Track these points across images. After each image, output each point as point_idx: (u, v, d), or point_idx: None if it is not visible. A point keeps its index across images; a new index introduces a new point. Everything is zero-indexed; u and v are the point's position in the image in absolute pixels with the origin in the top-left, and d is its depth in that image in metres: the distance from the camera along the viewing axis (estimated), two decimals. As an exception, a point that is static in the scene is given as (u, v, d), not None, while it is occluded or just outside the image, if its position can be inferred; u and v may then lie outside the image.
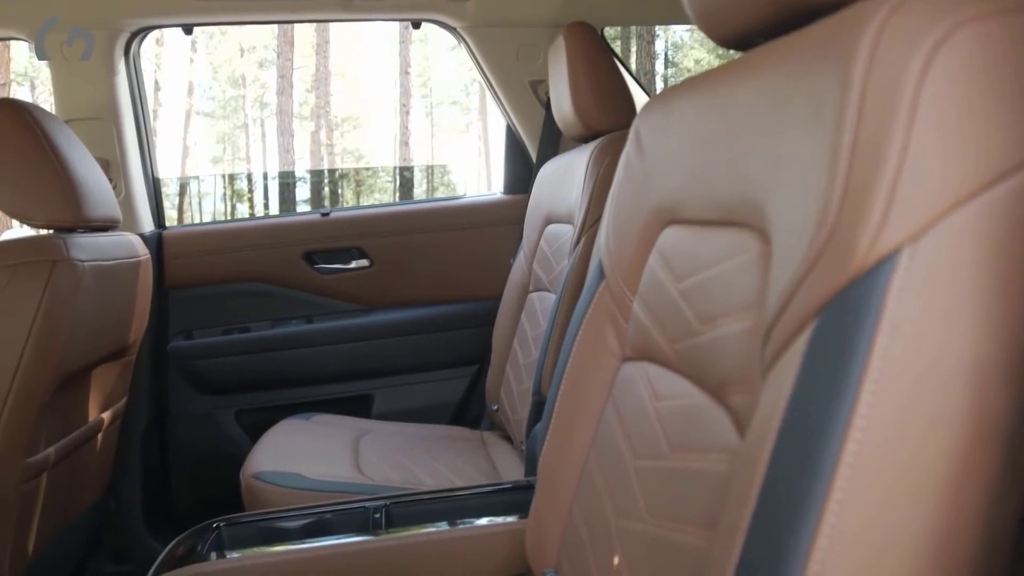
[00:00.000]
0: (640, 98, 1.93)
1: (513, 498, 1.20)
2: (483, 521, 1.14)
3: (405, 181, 13.14)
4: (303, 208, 11.41)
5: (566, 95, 1.57)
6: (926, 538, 0.41)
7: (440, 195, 12.23)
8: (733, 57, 0.73)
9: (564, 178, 1.66)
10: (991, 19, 0.43)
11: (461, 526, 1.12)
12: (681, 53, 14.47)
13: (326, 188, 12.09)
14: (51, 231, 1.46)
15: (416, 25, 2.10)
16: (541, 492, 0.94)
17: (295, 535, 1.15)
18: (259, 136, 17.61)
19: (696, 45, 13.87)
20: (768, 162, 0.57)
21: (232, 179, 12.96)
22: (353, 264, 2.14)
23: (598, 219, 1.41)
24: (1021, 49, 0.43)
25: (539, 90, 2.08)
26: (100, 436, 1.66)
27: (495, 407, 1.85)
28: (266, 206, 11.61)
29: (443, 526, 1.13)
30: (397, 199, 12.30)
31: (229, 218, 10.46)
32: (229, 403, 2.05)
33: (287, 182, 12.00)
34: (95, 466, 1.69)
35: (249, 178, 13.55)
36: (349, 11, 1.99)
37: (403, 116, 14.73)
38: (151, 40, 2.05)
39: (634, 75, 2.20)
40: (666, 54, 14.52)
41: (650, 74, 12.61)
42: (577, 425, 0.89)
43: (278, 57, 14.96)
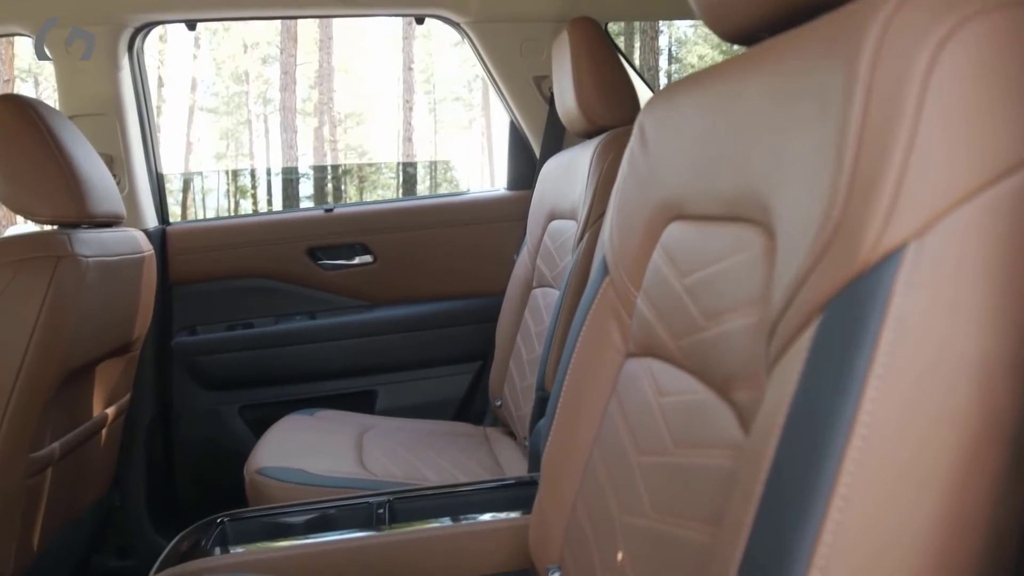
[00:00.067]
0: (644, 94, 1.93)
1: (516, 494, 1.20)
2: (486, 517, 1.14)
3: (408, 177, 13.13)
4: (306, 204, 11.42)
5: (570, 90, 1.56)
6: (930, 534, 0.41)
7: (443, 191, 12.22)
8: (737, 53, 0.72)
9: (568, 174, 1.66)
10: (997, 13, 0.43)
11: (464, 522, 1.12)
12: (685, 49, 14.45)
13: (329, 184, 12.10)
14: (55, 227, 1.46)
15: (419, 20, 2.10)
16: (545, 488, 0.94)
17: (299, 530, 1.15)
18: (262, 132, 17.62)
19: (700, 41, 13.85)
20: (773, 157, 0.57)
21: (235, 175, 12.96)
22: (356, 260, 2.14)
23: (602, 215, 1.40)
24: None
25: (543, 86, 2.07)
26: (104, 432, 1.67)
27: (498, 403, 1.85)
28: (269, 202, 11.62)
29: (446, 522, 1.13)
30: (400, 195, 12.31)
31: (233, 214, 10.47)
32: (233, 399, 2.06)
33: (290, 178, 12.00)
34: (99, 461, 1.69)
35: (252, 174, 13.55)
36: (352, 6, 1.98)
37: (406, 112, 14.72)
38: (154, 36, 2.04)
39: (638, 71, 2.19)
40: (670, 50, 14.50)
41: (654, 70, 12.60)
42: (581, 421, 0.89)
43: (281, 53, 14.96)
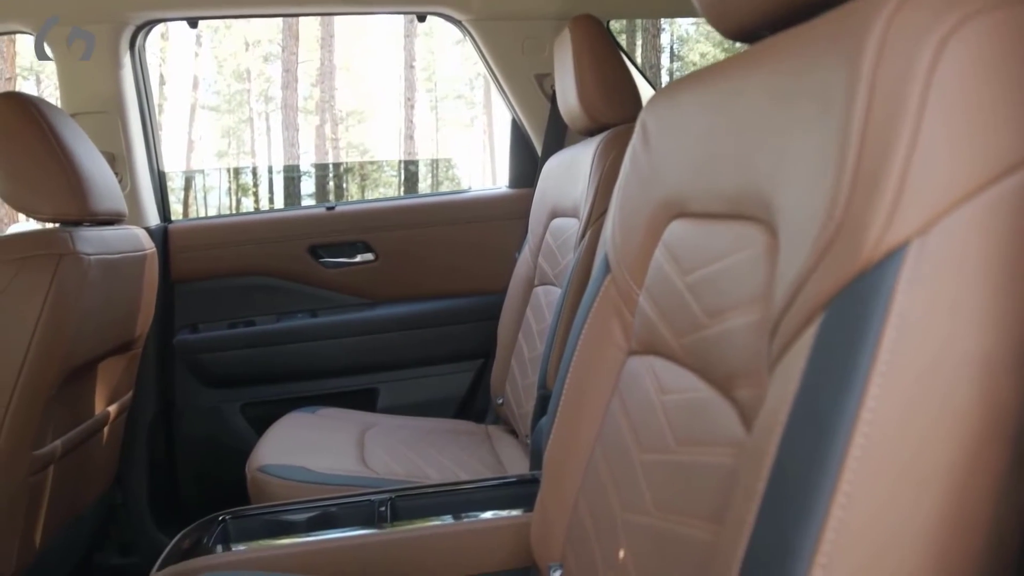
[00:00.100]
0: (646, 91, 1.92)
1: (518, 492, 1.21)
2: (488, 515, 1.14)
3: (410, 175, 13.13)
4: (308, 202, 11.42)
5: (572, 88, 1.56)
6: (932, 532, 0.41)
7: (445, 189, 12.22)
8: (739, 50, 0.72)
9: (569, 172, 1.65)
10: (999, 11, 0.42)
11: (466, 520, 1.12)
12: (687, 47, 14.43)
13: (331, 182, 12.09)
14: (57, 225, 1.46)
15: (421, 18, 2.10)
16: (546, 486, 0.94)
17: (300, 528, 1.16)
18: (264, 130, 17.63)
19: (702, 39, 13.83)
20: (775, 155, 0.57)
21: (237, 173, 12.96)
22: (358, 258, 2.14)
23: (604, 213, 1.40)
24: None
25: (544, 83, 2.07)
26: (107, 429, 1.67)
27: (500, 401, 1.85)
28: (271, 200, 11.62)
29: (448, 520, 1.13)
30: (402, 193, 12.31)
31: (234, 212, 10.47)
32: (235, 396, 2.06)
33: (292, 176, 12.00)
34: (102, 459, 1.69)
35: (254, 172, 13.56)
36: (354, 4, 1.98)
37: (408, 110, 14.72)
38: (156, 34, 2.04)
39: (639, 69, 2.19)
40: (672, 48, 14.49)
41: (655, 68, 12.58)
42: (583, 419, 0.89)
43: (283, 51, 14.96)
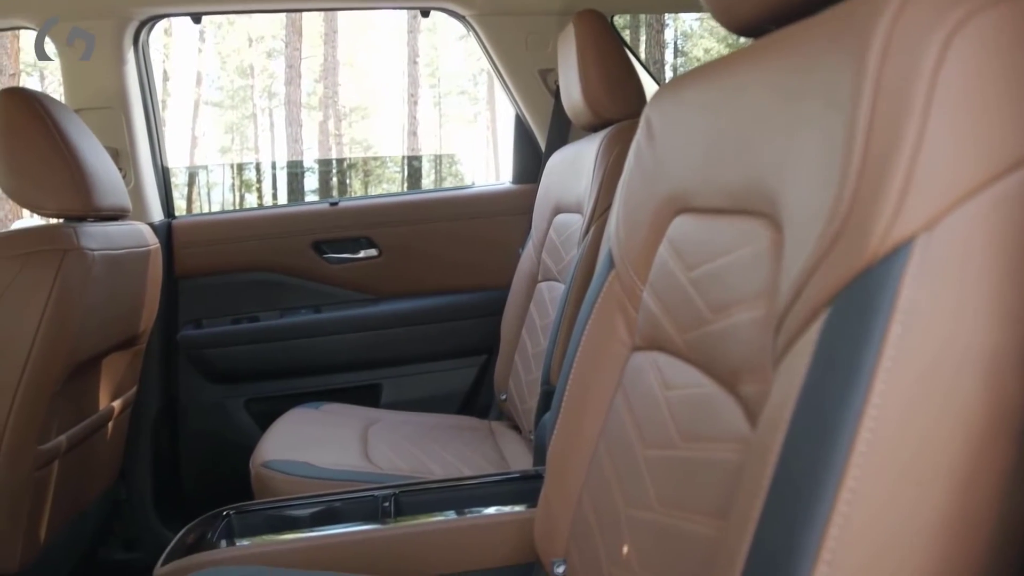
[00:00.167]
0: (650, 87, 1.92)
1: (522, 487, 1.21)
2: (491, 510, 1.14)
3: (413, 171, 13.14)
4: (312, 198, 11.43)
5: (576, 83, 1.56)
6: (937, 528, 0.41)
7: (448, 185, 12.22)
8: (742, 47, 0.72)
9: (573, 167, 1.65)
10: (1004, 6, 0.42)
11: (470, 515, 1.12)
12: (691, 42, 14.40)
13: (334, 178, 12.09)
14: (61, 220, 1.46)
15: (425, 13, 2.09)
16: (550, 481, 0.94)
17: (304, 523, 1.16)
18: (267, 126, 17.62)
19: (706, 34, 13.79)
20: (780, 150, 0.56)
21: (241, 169, 12.97)
22: (362, 254, 2.14)
23: (607, 208, 1.40)
24: None
25: (548, 79, 2.06)
26: (111, 424, 1.67)
27: (504, 397, 1.85)
28: (275, 196, 11.63)
29: (451, 515, 1.13)
30: (405, 189, 12.30)
31: (238, 208, 10.48)
32: (239, 392, 2.06)
33: (295, 172, 12.01)
34: (106, 454, 1.70)
35: (258, 168, 13.57)
36: None
37: (411, 106, 14.71)
38: (159, 30, 2.04)
39: (643, 64, 2.19)
40: (675, 43, 14.45)
41: (659, 63, 12.55)
42: (587, 414, 0.89)
43: (286, 47, 14.95)
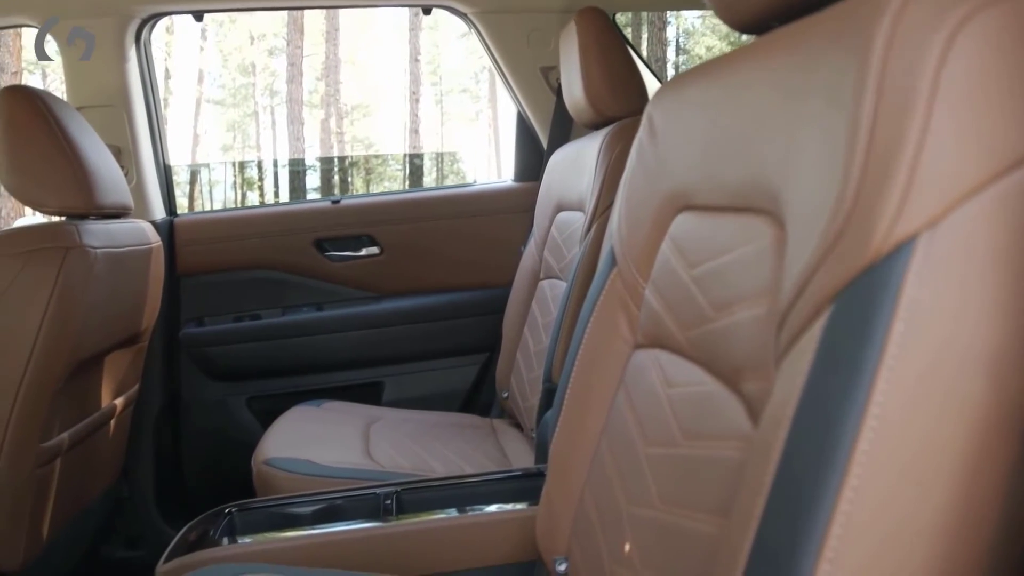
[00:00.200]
0: (652, 84, 1.92)
1: (523, 485, 1.21)
2: (493, 508, 1.14)
3: (415, 169, 13.14)
4: (313, 196, 11.43)
5: (578, 81, 1.56)
6: (941, 525, 0.41)
7: (450, 183, 12.22)
8: (745, 44, 0.72)
9: (575, 165, 1.65)
10: (1009, 3, 0.42)
11: (471, 513, 1.13)
12: (693, 40, 14.38)
13: (336, 176, 12.09)
14: (63, 218, 1.46)
15: (427, 11, 2.09)
16: (552, 479, 0.94)
17: (306, 521, 1.16)
18: (269, 124, 17.63)
19: (708, 32, 13.78)
20: (783, 147, 0.56)
21: (242, 167, 12.98)
22: (363, 251, 2.14)
23: (609, 206, 1.40)
24: None
25: (550, 76, 2.06)
26: (113, 422, 1.67)
27: (505, 395, 1.85)
28: (276, 194, 11.63)
29: (453, 513, 1.13)
30: (407, 187, 12.31)
31: (240, 206, 10.47)
32: (241, 390, 2.06)
33: (297, 170, 12.01)
34: (108, 452, 1.70)
35: (259, 166, 13.58)
36: (359, -3, 1.98)
37: (413, 104, 14.70)
38: (161, 28, 2.04)
39: (645, 62, 2.18)
40: (677, 41, 14.43)
41: (661, 61, 12.54)
42: (588, 412, 0.89)
43: (288, 45, 14.95)
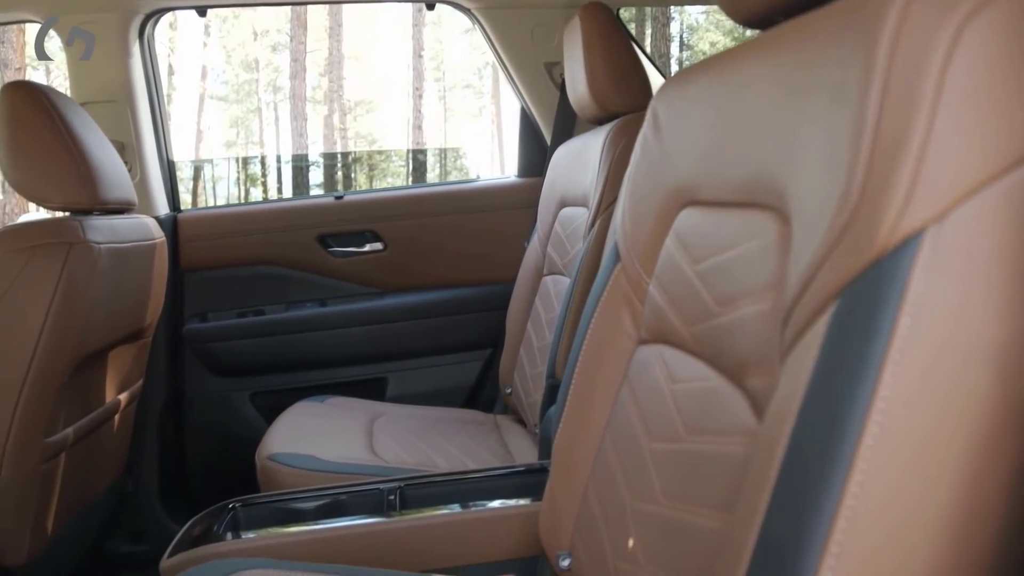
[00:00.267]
0: (656, 80, 1.91)
1: (526, 481, 1.21)
2: (496, 504, 1.14)
3: (418, 165, 13.12)
4: (317, 192, 11.43)
5: (581, 76, 1.55)
6: (945, 520, 0.41)
7: (453, 179, 12.21)
8: (749, 39, 0.72)
9: (579, 160, 1.65)
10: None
11: (474, 508, 1.13)
12: (696, 36, 14.34)
13: (339, 172, 12.10)
14: (67, 214, 1.46)
15: (430, 6, 2.09)
16: (556, 474, 0.94)
17: (310, 516, 1.16)
18: (272, 120, 17.62)
19: (711, 27, 13.74)
20: (788, 142, 0.56)
21: (246, 163, 12.98)
22: (367, 247, 2.14)
23: (613, 202, 1.40)
24: None
25: (554, 72, 2.06)
26: (117, 417, 1.68)
27: (508, 390, 1.85)
28: (279, 190, 11.63)
29: (456, 508, 1.13)
30: (410, 183, 12.31)
31: (243, 201, 10.49)
32: (244, 385, 2.07)
33: (300, 166, 12.01)
34: (112, 447, 1.70)
35: (263, 162, 13.57)
36: (362, -8, 1.97)
37: (416, 100, 14.69)
38: (164, 24, 2.04)
39: (649, 57, 2.18)
40: (681, 36, 14.40)
41: (665, 57, 12.51)
42: (592, 408, 0.89)
43: (291, 41, 14.93)
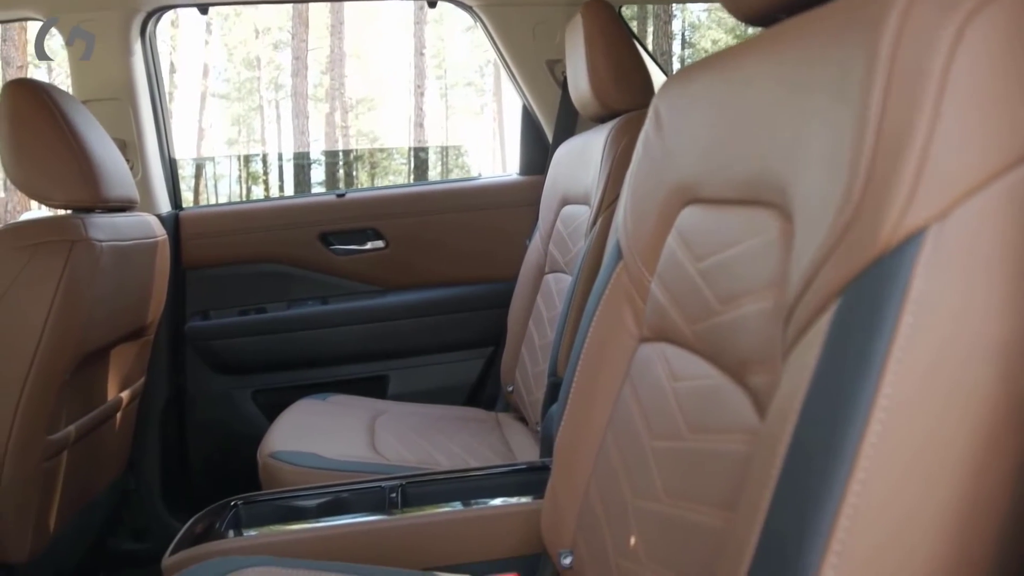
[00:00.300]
0: (658, 78, 1.91)
1: (528, 479, 1.21)
2: (498, 501, 1.14)
3: (420, 162, 13.12)
4: (318, 189, 11.43)
5: (583, 74, 1.55)
6: (948, 517, 0.41)
7: (455, 176, 12.20)
8: (751, 37, 0.72)
9: (581, 158, 1.65)
10: None
11: (476, 506, 1.13)
12: (698, 33, 14.33)
13: (341, 170, 12.10)
14: (69, 211, 1.46)
15: (432, 4, 2.08)
16: (557, 472, 0.94)
17: (311, 514, 1.16)
18: (274, 118, 17.62)
19: (713, 25, 13.73)
20: (790, 139, 0.56)
21: (248, 160, 12.98)
22: (368, 245, 2.14)
23: (615, 199, 1.40)
24: None
25: (556, 70, 2.06)
26: (119, 415, 1.68)
27: (510, 388, 1.85)
28: (281, 188, 11.63)
29: (458, 506, 1.13)
30: (412, 180, 12.30)
31: (245, 199, 10.49)
32: (246, 383, 2.07)
33: (302, 164, 12.01)
34: (114, 445, 1.70)
35: (264, 159, 13.57)
36: (364, -10, 1.97)
37: (418, 97, 14.68)
38: (166, 22, 2.04)
39: (651, 55, 2.18)
40: (683, 34, 14.39)
41: (667, 54, 12.51)
42: (594, 406, 0.89)
43: (293, 38, 14.93)
